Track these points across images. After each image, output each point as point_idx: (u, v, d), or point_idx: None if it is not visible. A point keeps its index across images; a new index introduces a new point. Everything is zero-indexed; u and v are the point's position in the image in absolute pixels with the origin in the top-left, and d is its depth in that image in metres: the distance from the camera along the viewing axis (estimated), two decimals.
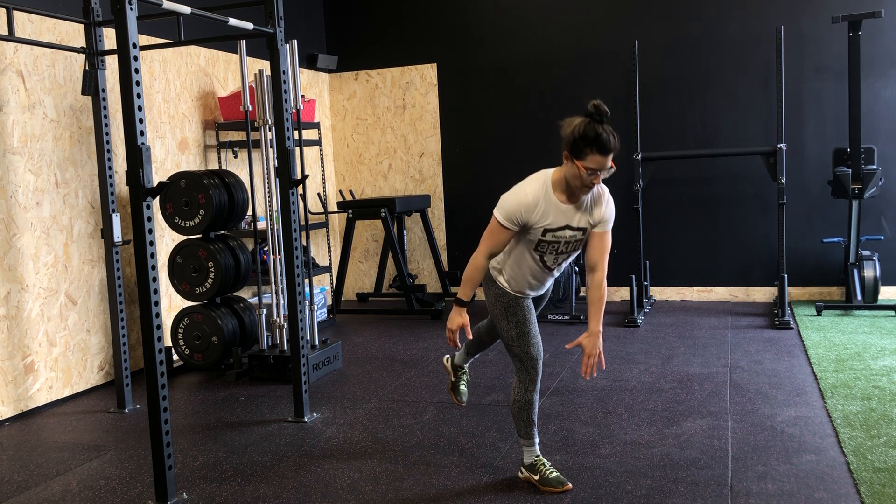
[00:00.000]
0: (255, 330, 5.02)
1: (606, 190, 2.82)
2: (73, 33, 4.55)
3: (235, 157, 5.96)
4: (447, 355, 3.51)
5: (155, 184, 4.27)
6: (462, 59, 7.12)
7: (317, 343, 4.86)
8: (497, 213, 2.76)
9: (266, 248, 5.66)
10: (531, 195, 2.72)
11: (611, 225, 2.82)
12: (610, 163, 2.64)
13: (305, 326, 4.43)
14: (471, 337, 2.92)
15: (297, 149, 5.27)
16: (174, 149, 5.36)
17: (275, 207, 4.71)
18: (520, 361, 2.92)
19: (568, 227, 2.77)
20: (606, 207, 2.80)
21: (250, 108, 4.85)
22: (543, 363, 3.09)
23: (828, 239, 6.14)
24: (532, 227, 2.75)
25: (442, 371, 4.71)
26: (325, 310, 6.41)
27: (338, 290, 6.71)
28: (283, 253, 4.20)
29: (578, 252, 2.89)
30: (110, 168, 4.14)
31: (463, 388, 3.36)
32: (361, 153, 7.49)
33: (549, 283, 3.02)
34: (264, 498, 2.98)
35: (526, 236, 2.80)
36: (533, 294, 2.97)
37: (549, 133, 6.91)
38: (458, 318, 2.86)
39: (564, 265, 2.94)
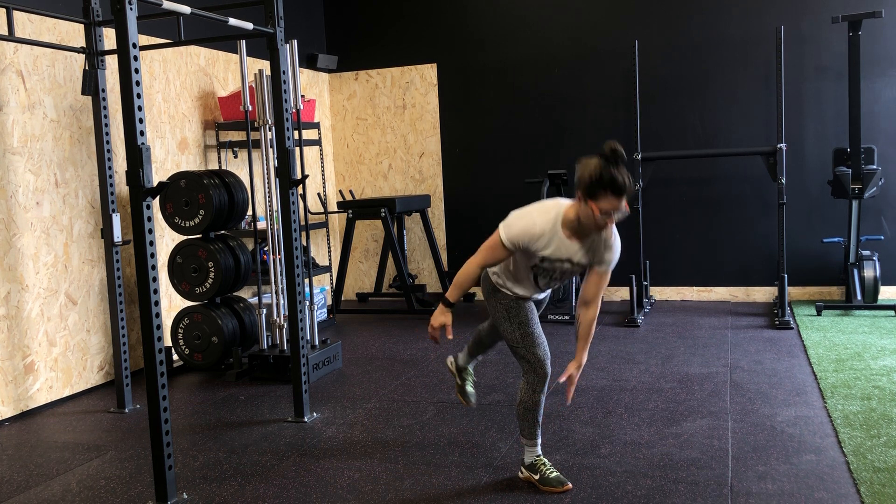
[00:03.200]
0: (255, 330, 5.02)
1: (616, 232, 2.80)
2: (73, 33, 4.55)
3: (235, 157, 5.96)
4: (450, 357, 3.51)
5: (155, 184, 4.27)
6: (462, 59, 7.12)
7: (317, 343, 4.86)
8: (502, 231, 2.76)
9: (266, 248, 5.66)
10: (539, 226, 2.72)
11: (613, 266, 2.82)
12: (624, 204, 2.63)
13: (305, 326, 4.43)
14: (450, 336, 2.94)
15: (297, 149, 5.27)
16: (174, 149, 5.36)
17: (275, 207, 4.71)
18: (526, 363, 2.92)
19: (568, 260, 2.79)
20: (612, 250, 2.79)
21: (250, 108, 4.85)
22: None
23: (828, 239, 6.14)
24: (532, 252, 2.77)
25: (443, 371, 4.71)
26: (325, 310, 6.41)
27: (338, 290, 6.71)
28: (283, 253, 4.20)
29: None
30: (110, 168, 4.14)
31: (470, 389, 3.38)
32: (361, 153, 7.49)
33: (546, 293, 3.07)
34: (264, 498, 2.98)
35: (524, 255, 2.82)
36: (532, 298, 3.00)
37: (549, 133, 6.91)
38: (442, 318, 2.88)
39: (555, 286, 2.97)
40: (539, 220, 2.73)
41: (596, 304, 2.87)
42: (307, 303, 5.08)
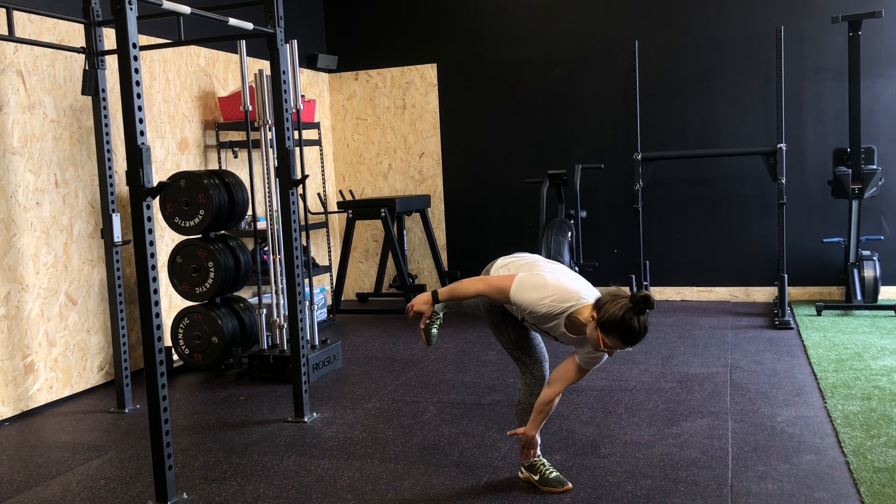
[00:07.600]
0: (255, 330, 5.02)
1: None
2: (73, 33, 4.55)
3: (235, 157, 5.96)
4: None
5: (155, 184, 4.27)
6: (462, 59, 7.12)
7: (317, 343, 4.86)
8: (515, 286, 2.70)
9: (266, 248, 5.66)
10: (544, 311, 2.68)
11: (590, 370, 2.81)
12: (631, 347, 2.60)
13: (305, 326, 4.43)
14: (423, 326, 2.97)
15: (297, 149, 5.27)
16: (174, 149, 5.36)
17: (275, 207, 4.71)
18: (523, 364, 2.94)
19: (555, 338, 2.79)
20: (598, 360, 2.78)
21: (250, 108, 4.85)
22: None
23: (828, 239, 6.14)
24: (526, 316, 2.77)
25: (443, 371, 4.71)
26: (325, 310, 6.41)
27: (338, 290, 6.71)
28: (283, 253, 4.20)
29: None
30: (110, 168, 4.14)
31: (434, 330, 3.14)
32: (361, 153, 7.49)
33: None
34: (264, 498, 2.98)
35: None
36: None
37: (549, 133, 6.91)
38: (423, 306, 2.87)
39: None
40: (550, 305, 2.67)
41: (559, 389, 2.81)
42: (307, 303, 5.09)
